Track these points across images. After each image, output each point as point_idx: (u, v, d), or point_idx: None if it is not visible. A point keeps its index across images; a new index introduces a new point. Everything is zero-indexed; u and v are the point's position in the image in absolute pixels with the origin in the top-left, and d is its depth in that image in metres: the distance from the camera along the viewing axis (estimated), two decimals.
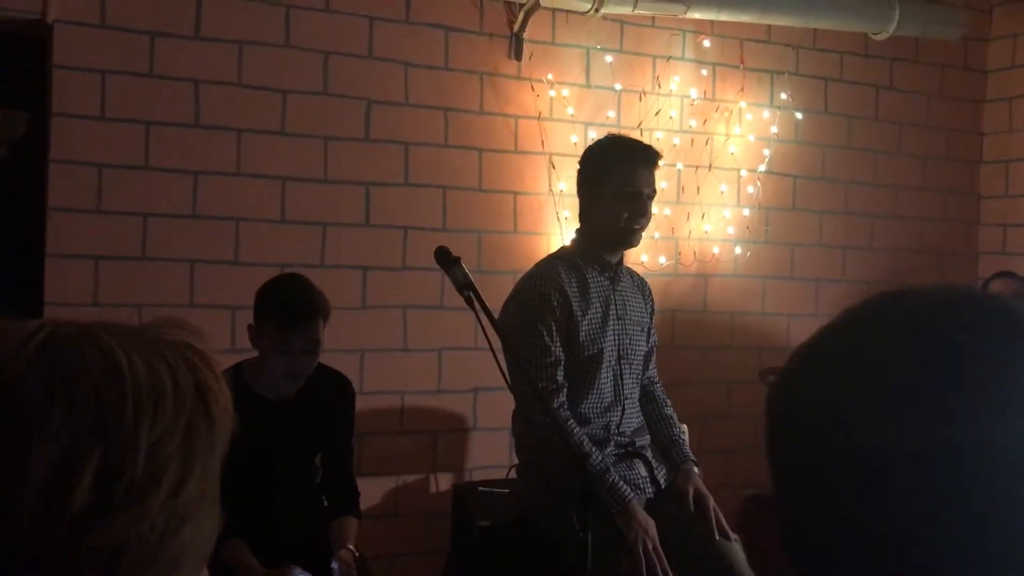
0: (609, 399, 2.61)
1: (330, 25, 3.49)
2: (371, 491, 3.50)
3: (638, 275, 2.90)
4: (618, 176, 2.57)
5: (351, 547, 2.38)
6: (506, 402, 2.66)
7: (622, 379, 2.63)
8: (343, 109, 3.52)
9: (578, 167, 2.71)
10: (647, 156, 2.61)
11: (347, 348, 3.35)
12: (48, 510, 0.51)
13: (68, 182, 3.16)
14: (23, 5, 3.10)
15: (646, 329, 2.76)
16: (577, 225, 2.75)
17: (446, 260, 2.27)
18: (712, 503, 2.56)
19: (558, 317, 2.53)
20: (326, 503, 2.57)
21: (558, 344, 2.52)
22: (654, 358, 2.85)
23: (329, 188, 3.50)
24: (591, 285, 2.61)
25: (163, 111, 3.26)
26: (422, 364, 3.66)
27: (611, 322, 2.62)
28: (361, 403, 3.44)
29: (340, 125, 3.51)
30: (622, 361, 2.64)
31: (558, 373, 2.52)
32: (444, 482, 3.70)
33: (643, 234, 2.66)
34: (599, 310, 2.60)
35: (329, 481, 2.58)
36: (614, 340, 2.62)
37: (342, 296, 3.53)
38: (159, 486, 0.55)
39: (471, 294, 2.20)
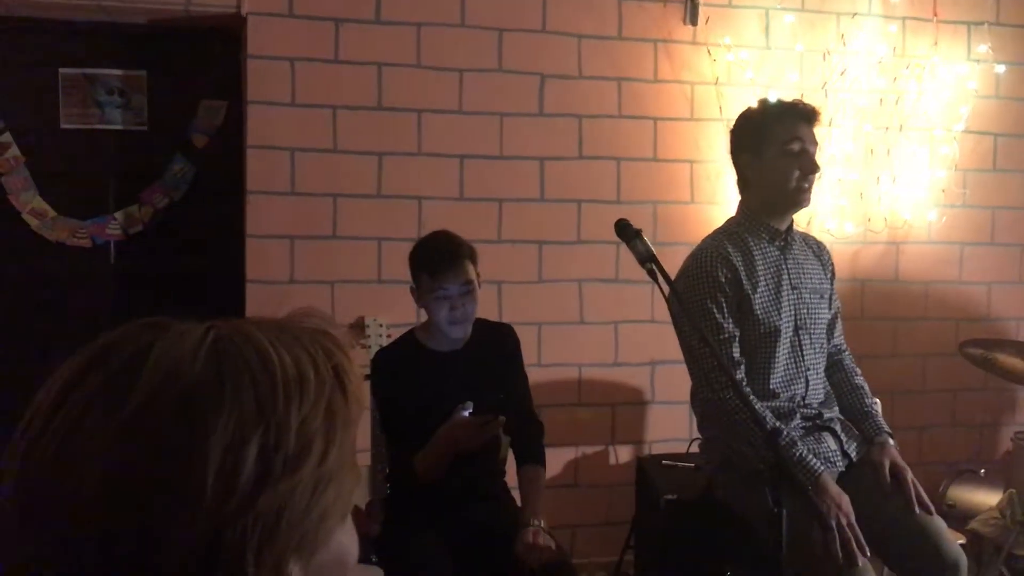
0: (791, 372, 2.53)
1: (504, 2, 3.51)
2: (552, 461, 3.50)
3: (814, 239, 2.76)
4: (781, 133, 2.48)
5: (538, 521, 2.42)
6: (684, 376, 2.62)
7: (802, 350, 2.54)
8: (517, 85, 3.55)
9: (731, 134, 2.62)
10: (806, 112, 2.51)
11: (525, 321, 3.39)
12: (224, 485, 0.62)
13: (264, 166, 3.35)
14: (219, 0, 3.30)
15: (827, 296, 2.64)
16: (739, 197, 2.65)
17: (626, 233, 2.24)
18: (910, 475, 2.43)
19: (728, 293, 2.46)
20: (510, 443, 2.65)
21: (730, 320, 2.46)
22: (839, 325, 2.73)
23: (505, 164, 3.55)
24: (760, 257, 2.52)
25: (349, 95, 3.39)
26: (598, 337, 3.66)
27: (785, 292, 2.52)
28: (539, 375, 3.49)
29: (514, 101, 3.55)
30: (800, 332, 2.54)
31: (733, 349, 2.45)
32: (624, 454, 3.70)
33: (811, 196, 2.53)
34: (771, 282, 2.51)
35: (512, 423, 2.65)
36: (791, 311, 2.53)
37: (519, 270, 3.58)
38: (308, 457, 0.66)
39: (654, 266, 2.17)
